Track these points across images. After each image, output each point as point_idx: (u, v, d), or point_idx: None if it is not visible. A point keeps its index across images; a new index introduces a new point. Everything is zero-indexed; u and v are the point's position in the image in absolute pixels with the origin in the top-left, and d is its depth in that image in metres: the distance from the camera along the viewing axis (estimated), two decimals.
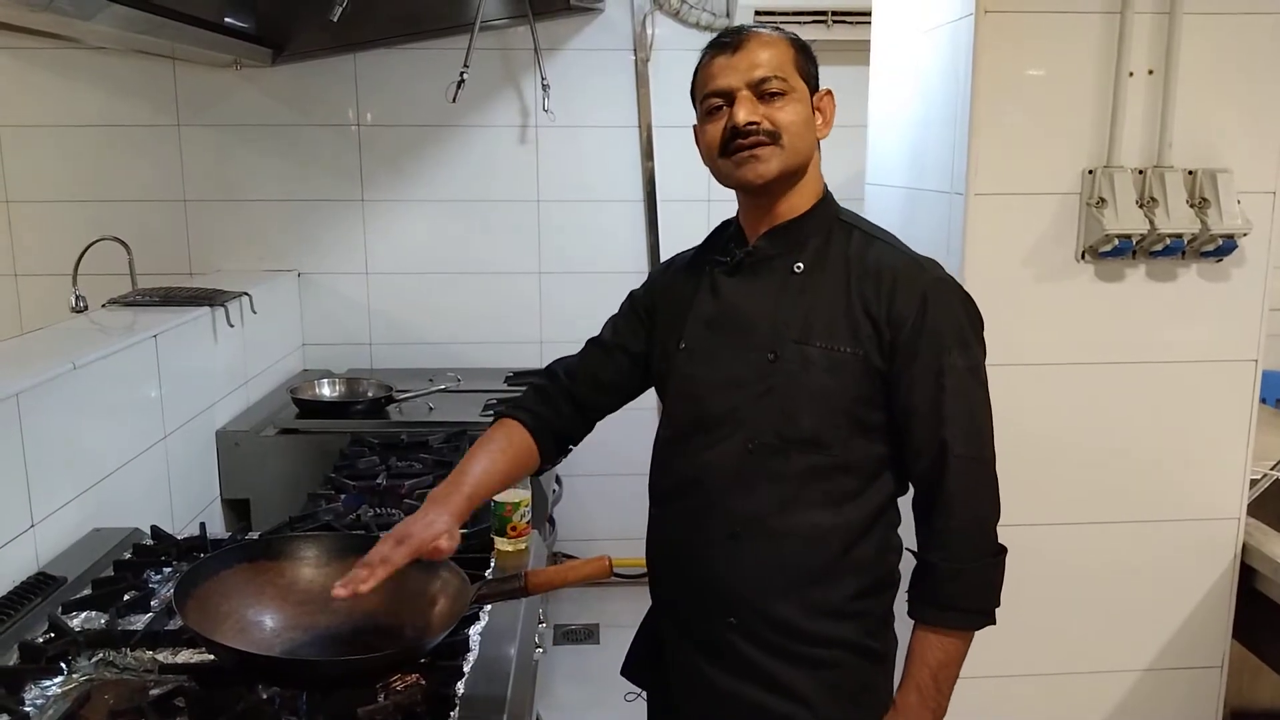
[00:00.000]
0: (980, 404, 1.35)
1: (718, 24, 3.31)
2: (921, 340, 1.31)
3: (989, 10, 1.81)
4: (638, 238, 3.44)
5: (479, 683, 1.34)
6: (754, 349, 1.36)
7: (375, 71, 3.29)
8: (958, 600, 1.33)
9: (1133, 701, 2.06)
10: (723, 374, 1.38)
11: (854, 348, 1.32)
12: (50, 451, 1.79)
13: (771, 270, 1.39)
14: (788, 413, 1.34)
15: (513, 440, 1.47)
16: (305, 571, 1.38)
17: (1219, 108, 1.86)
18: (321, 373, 3.24)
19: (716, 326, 1.41)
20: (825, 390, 1.33)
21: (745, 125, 1.32)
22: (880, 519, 1.39)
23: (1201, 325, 1.93)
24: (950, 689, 1.36)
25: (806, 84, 1.36)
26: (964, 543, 1.34)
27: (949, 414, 1.31)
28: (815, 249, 1.38)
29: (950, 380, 1.31)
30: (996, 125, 1.85)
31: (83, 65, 3.20)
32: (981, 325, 1.38)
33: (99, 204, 3.26)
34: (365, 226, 3.39)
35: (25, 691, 1.30)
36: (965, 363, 1.32)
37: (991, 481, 1.36)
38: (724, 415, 1.37)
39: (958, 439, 1.32)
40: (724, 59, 1.35)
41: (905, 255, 1.37)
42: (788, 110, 1.33)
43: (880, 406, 1.34)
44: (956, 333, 1.33)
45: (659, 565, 1.50)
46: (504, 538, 1.68)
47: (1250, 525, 2.02)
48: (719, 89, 1.35)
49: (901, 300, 1.32)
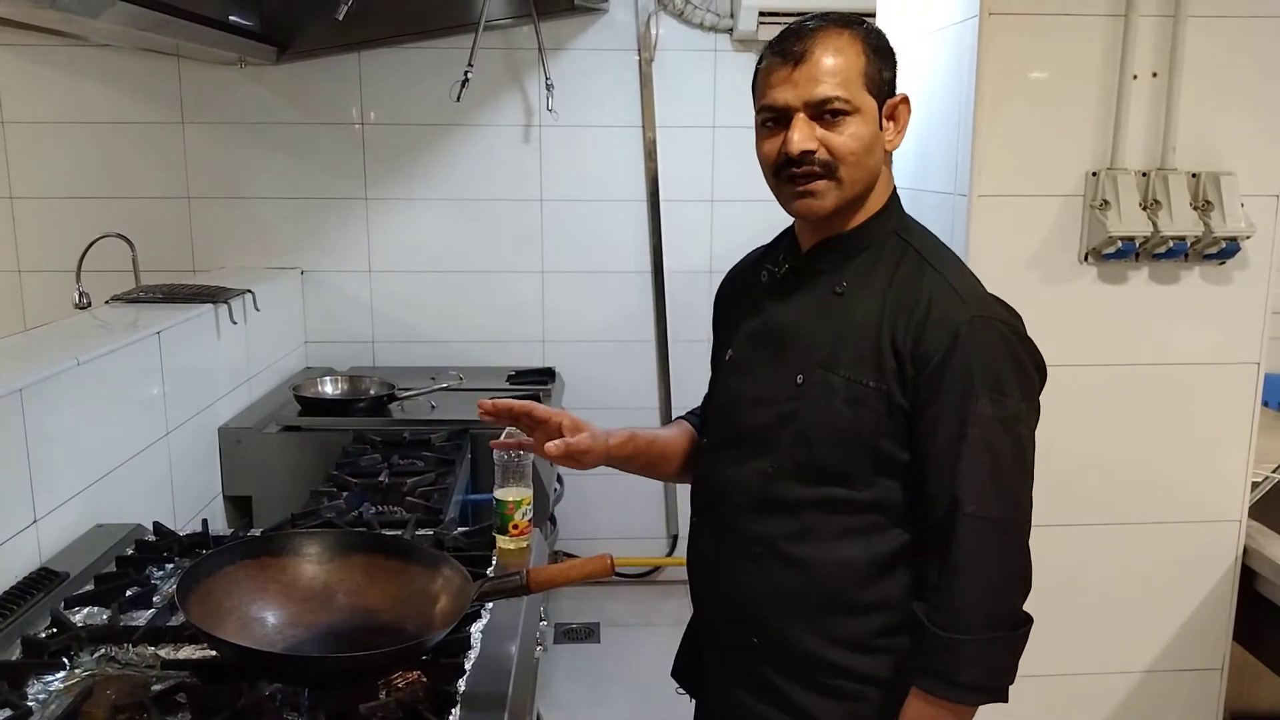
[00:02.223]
0: (1009, 460, 1.21)
1: (722, 25, 3.31)
2: (945, 381, 1.19)
3: (993, 12, 1.81)
4: (640, 238, 3.45)
5: (480, 680, 1.34)
6: (785, 368, 1.30)
7: (380, 70, 3.29)
8: (953, 673, 1.20)
9: (1133, 703, 2.06)
10: (755, 391, 1.34)
11: (877, 382, 1.23)
12: (53, 447, 1.79)
13: (815, 286, 1.31)
14: (807, 440, 1.27)
15: (680, 423, 1.56)
16: (307, 568, 1.38)
17: (1223, 110, 1.86)
18: (324, 370, 3.24)
19: (757, 340, 1.36)
20: (846, 423, 1.25)
21: (799, 155, 1.22)
22: (911, 557, 1.28)
23: (1204, 328, 1.93)
24: None
25: (877, 94, 1.25)
26: (967, 611, 1.20)
27: (965, 467, 1.19)
28: (862, 267, 1.29)
29: (974, 430, 1.18)
30: (1000, 127, 1.85)
31: (88, 62, 3.20)
32: (1031, 375, 1.25)
33: (103, 200, 3.26)
34: (369, 225, 3.39)
35: (28, 686, 1.30)
36: (995, 412, 1.19)
37: (1010, 548, 1.22)
38: (751, 433, 1.33)
39: (971, 496, 1.19)
40: (784, 71, 1.23)
41: (950, 286, 1.24)
42: (848, 134, 1.22)
43: (905, 445, 1.24)
44: (990, 378, 1.20)
45: (694, 576, 1.47)
46: (505, 536, 1.68)
47: (1251, 528, 2.02)
48: (774, 104, 1.24)
49: (930, 335, 1.21)
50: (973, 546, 1.20)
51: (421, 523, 1.90)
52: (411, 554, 1.40)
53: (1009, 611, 1.23)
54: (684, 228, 3.41)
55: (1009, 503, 1.22)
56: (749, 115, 1.34)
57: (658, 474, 1.52)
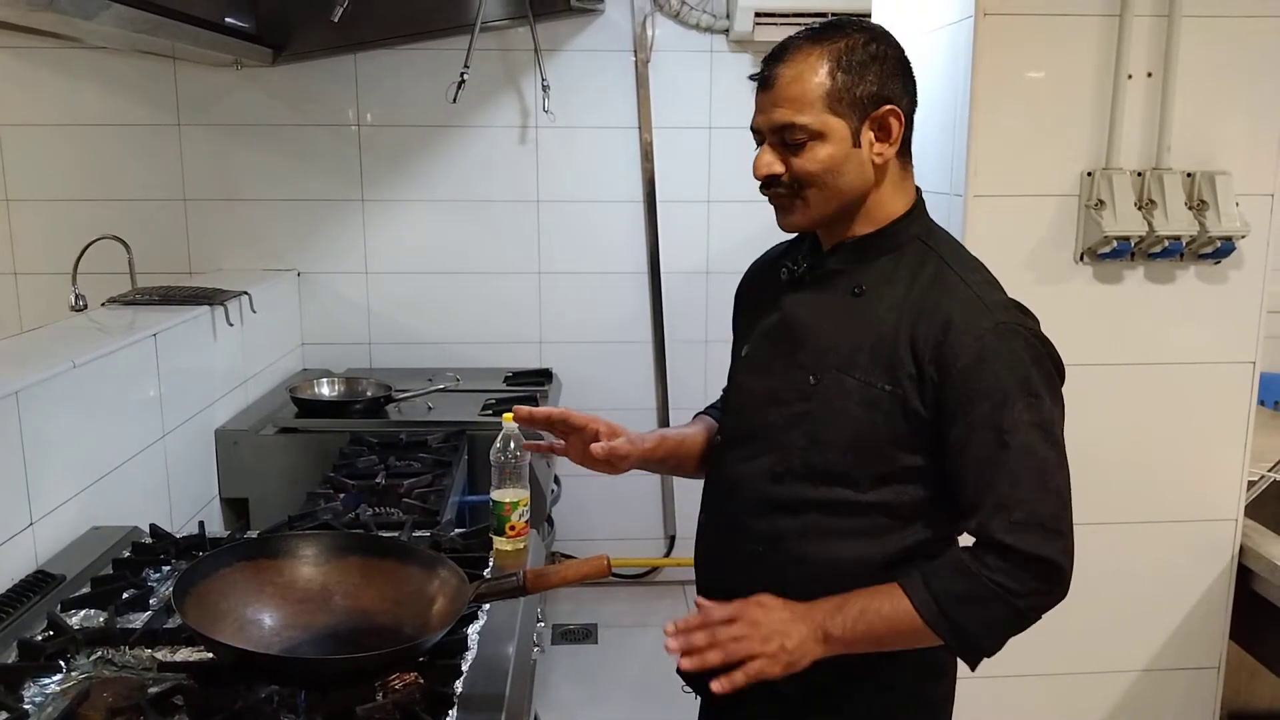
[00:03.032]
0: (1054, 465, 1.18)
1: (718, 26, 3.32)
2: (974, 390, 1.18)
3: (988, 13, 1.81)
4: (637, 239, 3.44)
5: (477, 682, 1.34)
6: (800, 367, 1.30)
7: (376, 71, 3.29)
8: (943, 592, 1.17)
9: (1130, 702, 2.06)
10: (768, 389, 1.33)
11: (892, 386, 1.22)
12: (49, 450, 1.79)
13: (834, 286, 1.31)
14: (818, 442, 1.27)
15: (702, 418, 1.56)
16: (304, 570, 1.38)
17: (1218, 110, 1.87)
18: (320, 372, 3.24)
19: (773, 338, 1.36)
20: (857, 426, 1.24)
21: (763, 177, 1.26)
22: (914, 560, 1.26)
23: (1200, 327, 1.94)
24: (864, 639, 1.20)
25: (850, 111, 1.22)
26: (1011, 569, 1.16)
27: (1009, 475, 1.16)
28: (883, 270, 1.28)
29: (1014, 439, 1.16)
30: (996, 127, 1.85)
31: (83, 64, 3.20)
32: (1058, 379, 1.24)
33: (99, 203, 3.26)
34: (365, 226, 3.39)
35: (24, 689, 1.30)
36: (1031, 418, 1.17)
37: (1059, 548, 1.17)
38: (761, 431, 1.33)
39: (1019, 503, 1.16)
40: (758, 94, 1.26)
41: (972, 293, 1.24)
42: (808, 158, 1.23)
43: (917, 451, 1.23)
44: (1023, 384, 1.18)
45: (701, 572, 1.47)
46: (502, 537, 1.68)
47: (1248, 526, 2.02)
48: (752, 125, 1.28)
49: (954, 342, 1.19)
50: (1025, 545, 1.16)
51: (418, 524, 1.90)
52: (408, 555, 1.40)
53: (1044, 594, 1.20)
54: (681, 228, 3.41)
55: (1056, 501, 1.19)
56: (745, 116, 1.34)
57: (685, 472, 1.53)
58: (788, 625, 1.19)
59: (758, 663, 1.16)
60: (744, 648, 1.17)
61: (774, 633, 1.17)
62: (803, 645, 1.18)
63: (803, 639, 1.18)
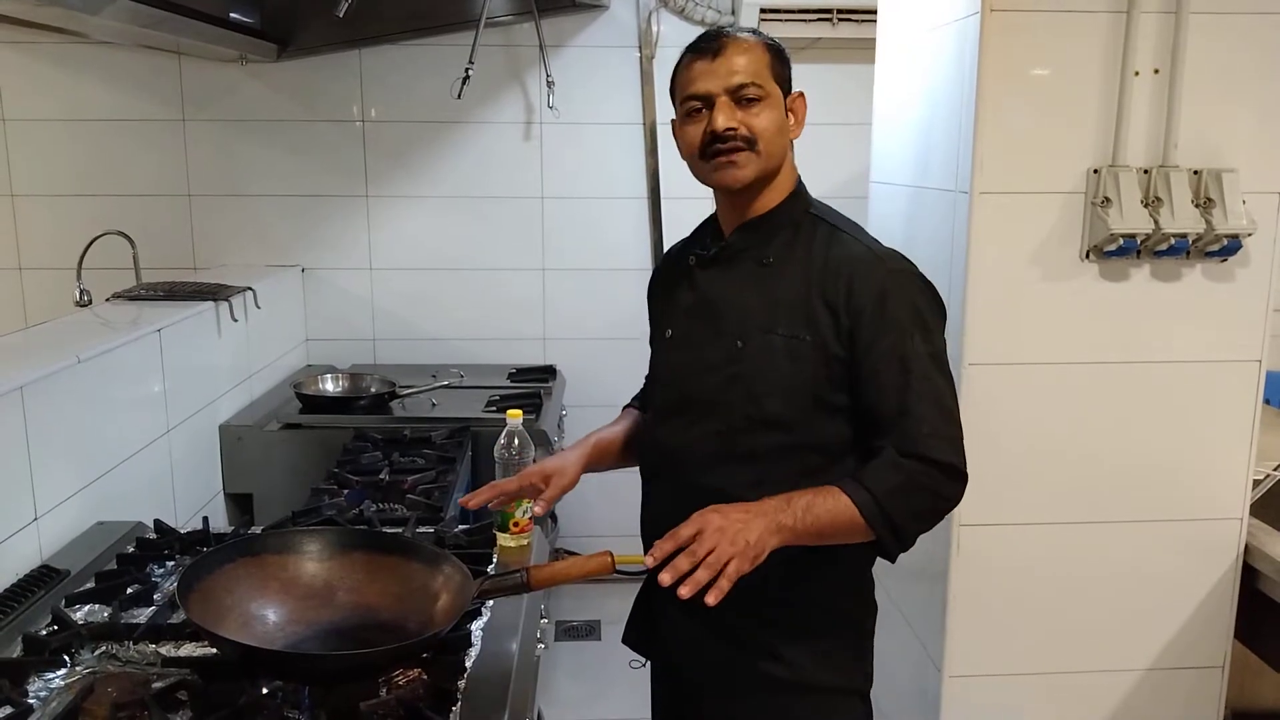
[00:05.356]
0: (946, 391, 1.37)
1: (723, 21, 3.31)
2: (880, 326, 1.35)
3: (995, 9, 1.80)
4: (641, 235, 3.44)
5: (481, 678, 1.34)
6: (725, 336, 1.44)
7: (380, 67, 3.29)
8: (877, 485, 1.30)
9: (1134, 701, 2.06)
10: (699, 360, 1.47)
11: (812, 336, 1.38)
12: (54, 445, 1.79)
13: (743, 262, 1.47)
14: (754, 396, 1.40)
15: (628, 412, 1.73)
16: (308, 566, 1.38)
17: (1225, 108, 1.86)
18: (325, 368, 3.25)
19: (695, 315, 1.50)
20: (787, 375, 1.39)
21: (724, 131, 1.38)
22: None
23: (1205, 325, 1.93)
24: (810, 531, 1.30)
25: (781, 88, 1.43)
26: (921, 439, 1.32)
27: (914, 396, 1.33)
28: (784, 242, 1.45)
29: (915, 365, 1.34)
30: (1001, 124, 1.84)
31: (89, 60, 3.20)
32: (943, 315, 1.42)
33: (104, 198, 3.26)
34: (369, 222, 3.39)
35: (28, 684, 1.30)
36: (928, 349, 1.36)
37: (959, 453, 1.34)
38: (700, 398, 1.46)
39: (925, 417, 1.33)
40: (704, 64, 1.41)
41: (865, 247, 1.42)
42: (763, 116, 1.40)
43: (841, 389, 1.39)
44: (916, 319, 1.37)
45: (649, 540, 1.52)
46: (506, 533, 1.68)
47: (1253, 525, 2.02)
48: (698, 93, 1.41)
49: (859, 290, 1.36)
50: (935, 453, 1.32)
51: (422, 520, 1.90)
52: (412, 551, 1.40)
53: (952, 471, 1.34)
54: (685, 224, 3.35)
55: (951, 419, 1.37)
56: None
57: (626, 464, 1.65)
58: (746, 521, 1.27)
59: (733, 563, 1.23)
60: (721, 554, 1.24)
61: (737, 533, 1.25)
62: (762, 538, 1.26)
63: (761, 531, 1.26)
